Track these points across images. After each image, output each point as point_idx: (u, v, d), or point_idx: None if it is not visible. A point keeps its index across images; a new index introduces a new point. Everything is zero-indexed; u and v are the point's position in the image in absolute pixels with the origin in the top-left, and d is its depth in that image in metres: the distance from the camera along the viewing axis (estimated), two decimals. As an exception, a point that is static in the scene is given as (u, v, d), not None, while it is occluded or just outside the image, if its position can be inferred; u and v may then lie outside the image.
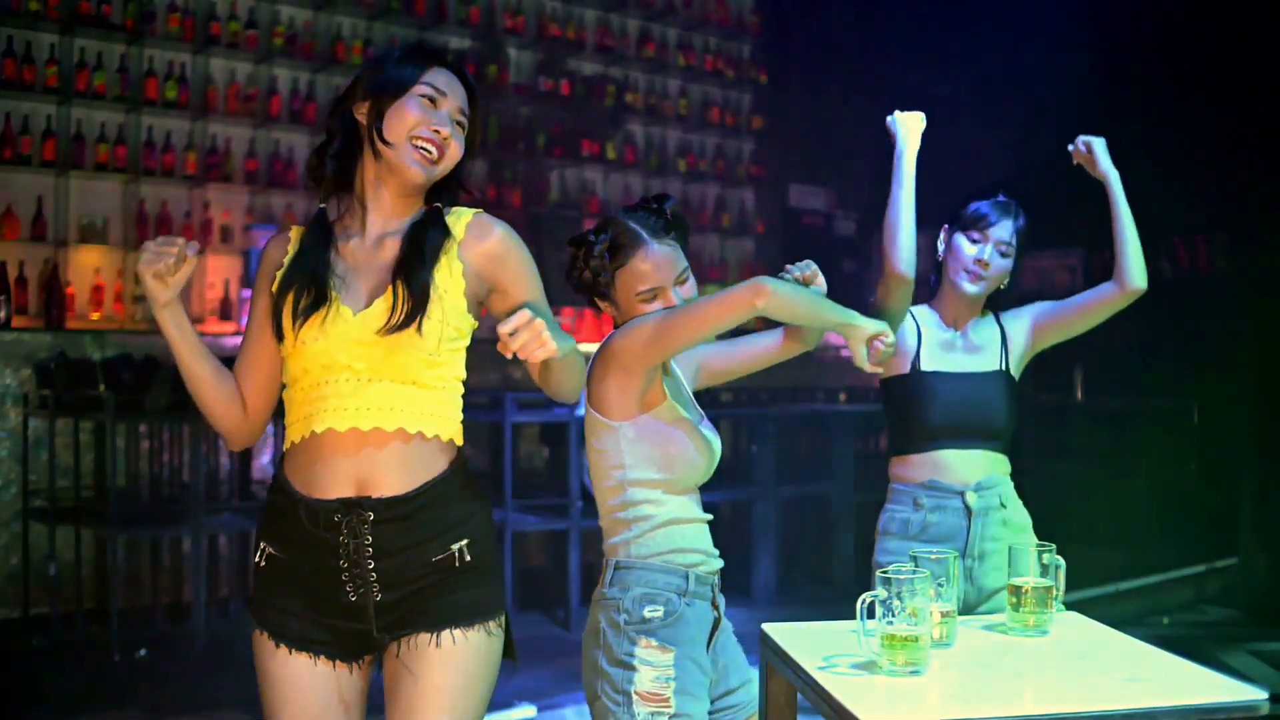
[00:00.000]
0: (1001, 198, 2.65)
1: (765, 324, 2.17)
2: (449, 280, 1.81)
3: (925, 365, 2.62)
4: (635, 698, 1.99)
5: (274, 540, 1.83)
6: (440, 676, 1.77)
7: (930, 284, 2.73)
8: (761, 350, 2.28)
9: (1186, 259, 7.54)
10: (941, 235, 2.68)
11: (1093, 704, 1.71)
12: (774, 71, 8.69)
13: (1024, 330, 2.71)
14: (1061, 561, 2.13)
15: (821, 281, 2.17)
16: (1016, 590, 2.11)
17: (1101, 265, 2.63)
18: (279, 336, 1.81)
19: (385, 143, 1.81)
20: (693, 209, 8.31)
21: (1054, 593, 2.11)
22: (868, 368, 2.01)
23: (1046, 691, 1.82)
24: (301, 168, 6.78)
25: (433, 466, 1.80)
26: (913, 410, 2.62)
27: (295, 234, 1.90)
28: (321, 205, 1.89)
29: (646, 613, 2.03)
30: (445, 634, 1.78)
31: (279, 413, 1.90)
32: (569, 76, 7.75)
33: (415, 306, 1.76)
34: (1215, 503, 6.46)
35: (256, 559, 1.85)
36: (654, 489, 2.08)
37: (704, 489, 2.18)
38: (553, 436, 5.73)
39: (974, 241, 2.61)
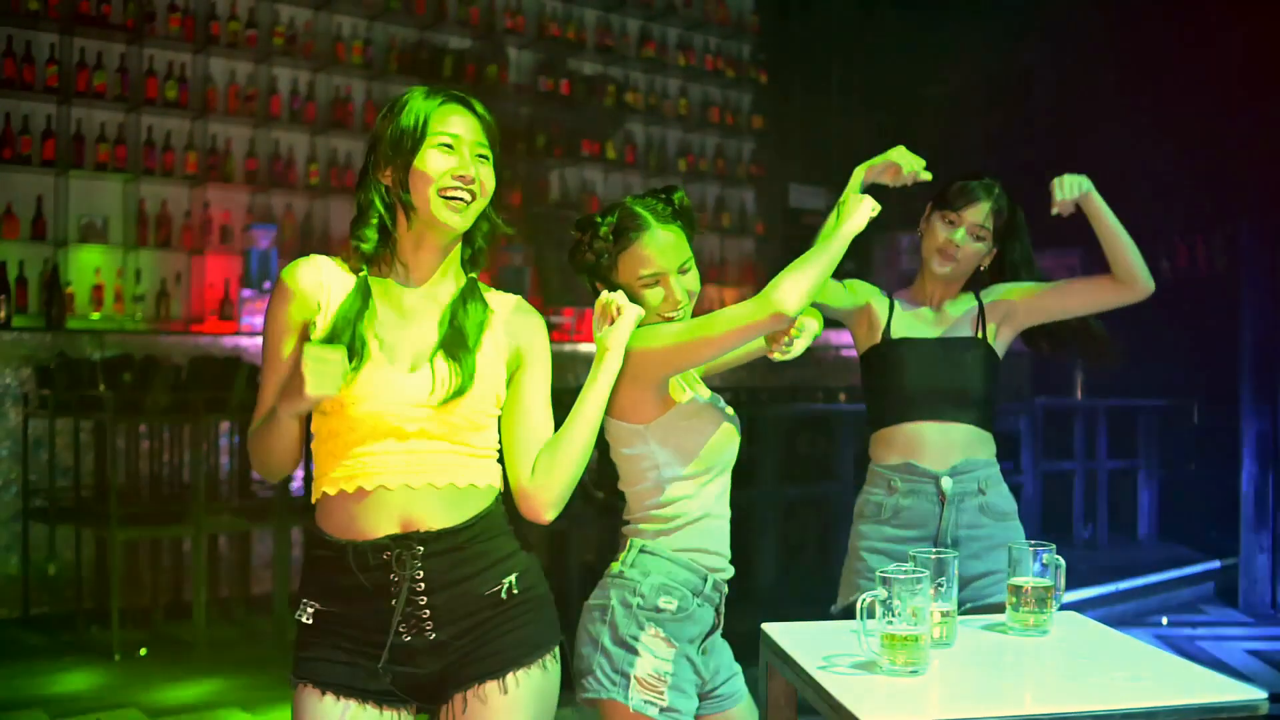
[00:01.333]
0: (986, 179, 2.63)
1: None
2: (494, 348, 1.85)
3: (895, 333, 2.64)
4: (633, 680, 1.99)
5: (319, 595, 1.80)
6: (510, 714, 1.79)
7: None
8: (759, 349, 2.31)
9: (1186, 259, 7.54)
10: (925, 212, 2.68)
11: (1092, 704, 1.71)
12: (774, 71, 8.69)
13: (1004, 303, 2.67)
14: (1061, 561, 2.13)
15: (805, 340, 2.22)
16: (1016, 590, 2.11)
17: (1101, 265, 2.61)
18: None
19: (415, 206, 1.81)
20: (693, 209, 8.30)
21: (1054, 593, 2.11)
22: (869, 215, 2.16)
23: (1046, 691, 1.82)
24: (301, 167, 6.79)
25: (478, 505, 1.82)
26: (885, 379, 2.63)
27: (330, 269, 1.83)
28: (362, 273, 1.83)
29: (661, 602, 2.03)
30: (510, 677, 1.79)
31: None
32: (569, 76, 7.75)
33: (466, 376, 1.79)
34: (1215, 502, 6.46)
35: (299, 617, 1.81)
36: (692, 482, 2.09)
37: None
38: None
39: (949, 224, 2.61)
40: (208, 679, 4.17)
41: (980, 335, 2.64)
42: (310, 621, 1.80)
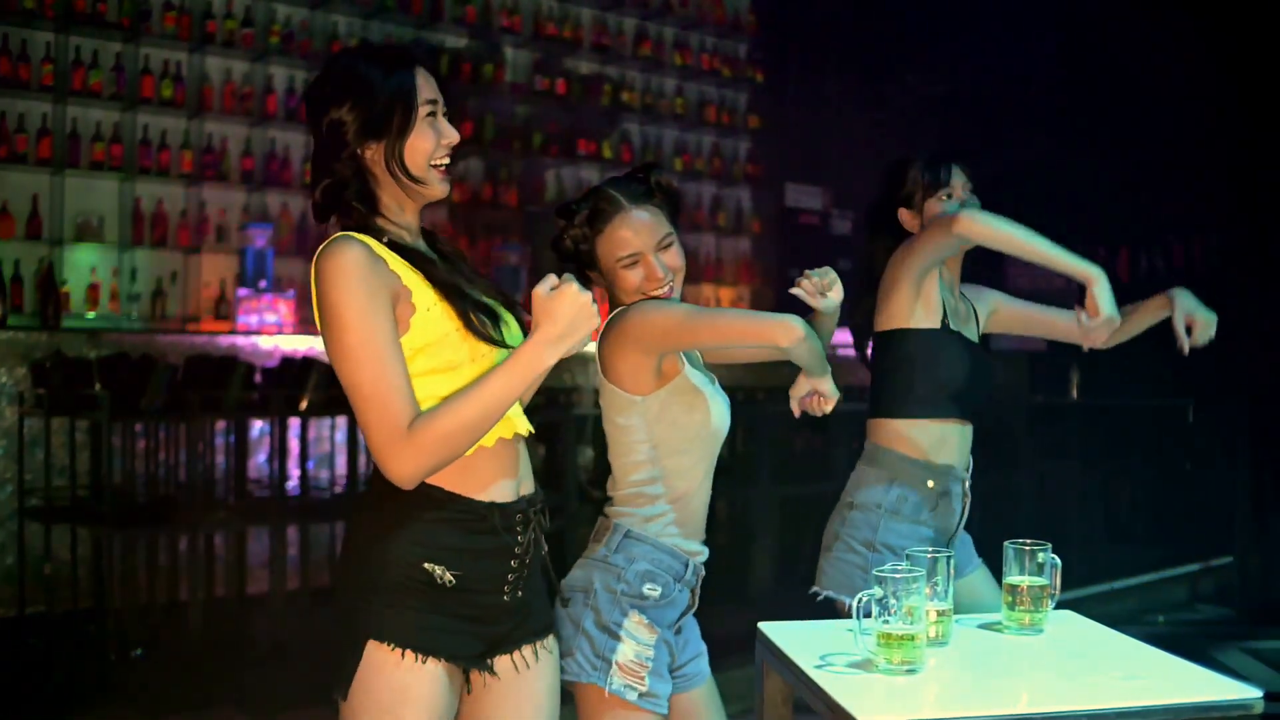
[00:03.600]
0: (926, 156, 2.60)
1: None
2: None
3: (953, 324, 2.53)
4: (615, 666, 2.00)
5: (445, 560, 1.72)
6: (552, 679, 1.90)
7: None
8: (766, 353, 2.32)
9: (1183, 259, 7.55)
10: (906, 219, 2.61)
11: (1088, 703, 1.71)
12: (770, 70, 8.69)
13: (985, 311, 2.70)
14: (1057, 560, 2.12)
15: (838, 290, 2.19)
16: (1013, 589, 2.11)
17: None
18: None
19: (414, 180, 1.77)
20: (689, 208, 8.31)
21: (1050, 592, 2.11)
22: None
23: (1042, 690, 1.83)
24: (297, 166, 6.78)
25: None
26: (941, 367, 2.49)
27: (378, 248, 1.73)
28: (385, 239, 1.76)
29: (646, 589, 2.04)
30: (552, 636, 1.91)
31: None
32: (565, 75, 7.75)
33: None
34: (1210, 502, 6.47)
35: (439, 580, 1.72)
36: (680, 461, 2.09)
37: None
38: (551, 435, 5.72)
39: (949, 197, 2.55)
40: (203, 678, 4.17)
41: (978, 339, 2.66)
42: (437, 585, 1.71)
